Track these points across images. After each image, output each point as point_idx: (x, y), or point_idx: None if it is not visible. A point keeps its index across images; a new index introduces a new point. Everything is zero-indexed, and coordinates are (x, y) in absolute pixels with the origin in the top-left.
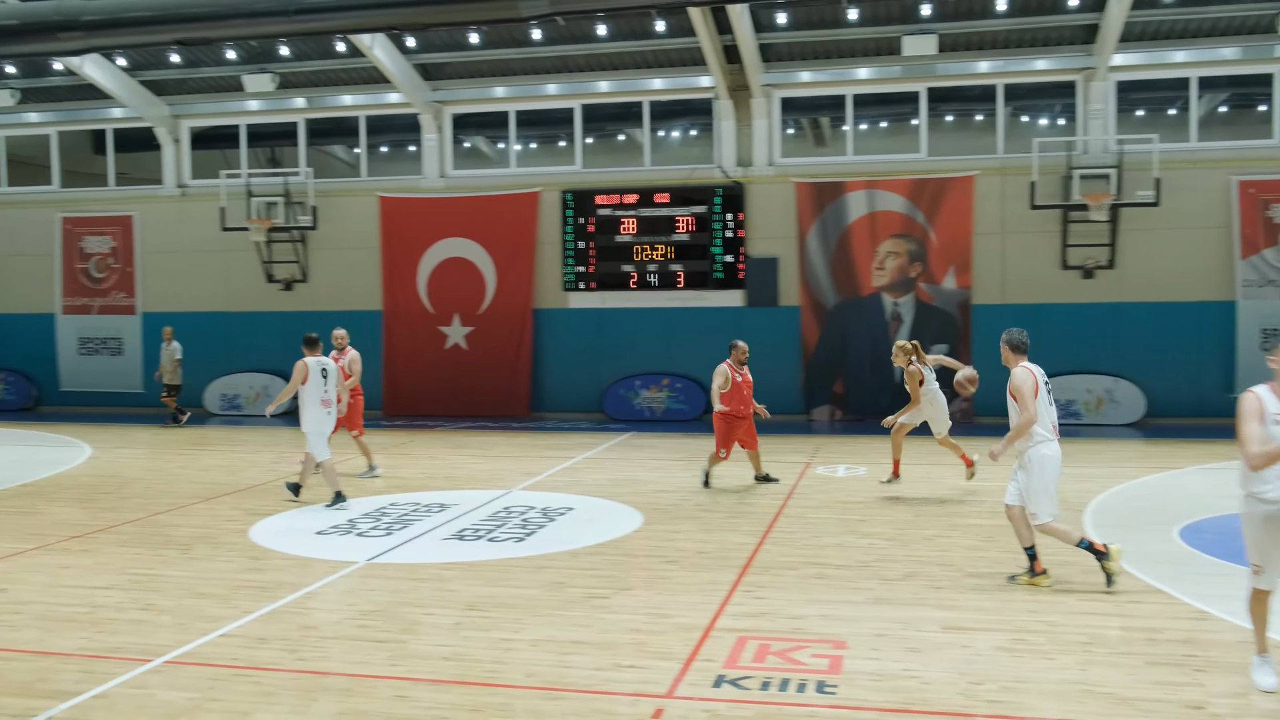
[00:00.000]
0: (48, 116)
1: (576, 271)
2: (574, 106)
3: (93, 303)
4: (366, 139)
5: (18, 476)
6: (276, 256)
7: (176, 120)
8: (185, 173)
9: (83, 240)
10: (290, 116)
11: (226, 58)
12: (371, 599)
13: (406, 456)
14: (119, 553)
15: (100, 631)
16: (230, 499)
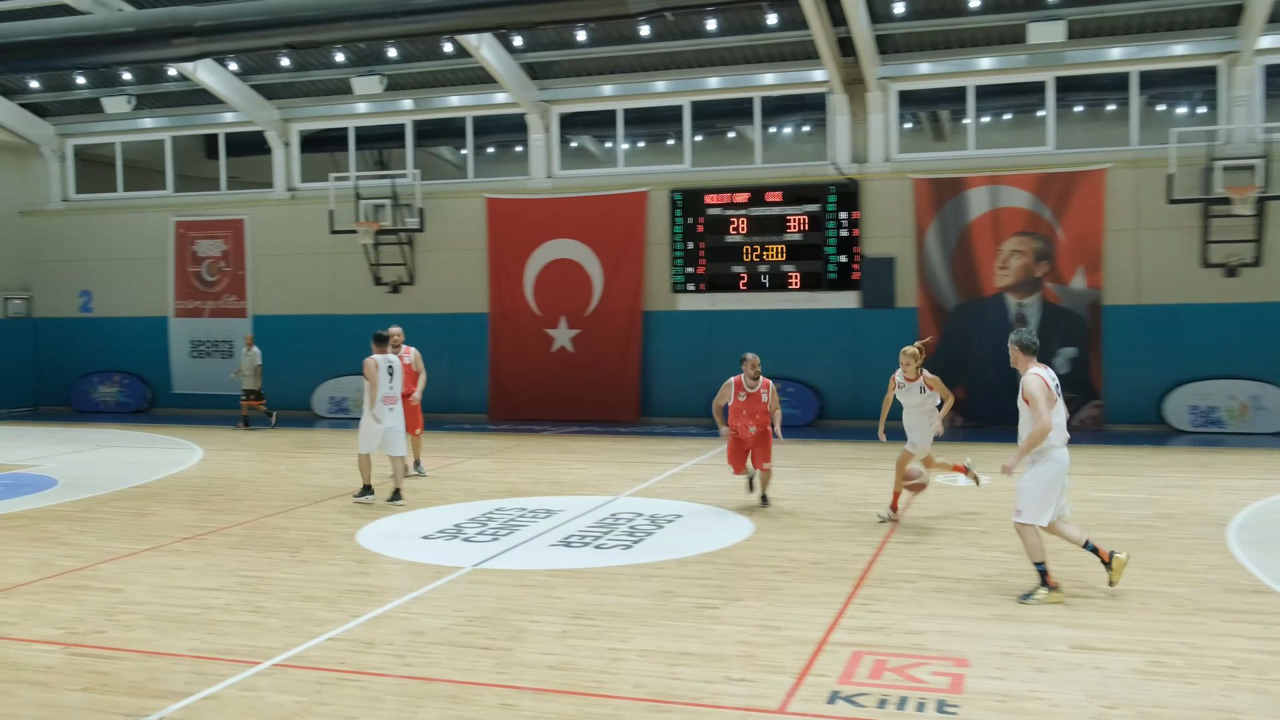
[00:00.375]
0: (162, 122)
1: (686, 273)
2: (683, 103)
3: (204, 306)
4: (473, 140)
5: (133, 478)
6: (384, 259)
7: (286, 124)
8: (295, 176)
9: (195, 244)
10: (398, 118)
11: (335, 60)
12: (477, 605)
13: (512, 461)
14: (229, 555)
15: (211, 633)
16: (337, 502)
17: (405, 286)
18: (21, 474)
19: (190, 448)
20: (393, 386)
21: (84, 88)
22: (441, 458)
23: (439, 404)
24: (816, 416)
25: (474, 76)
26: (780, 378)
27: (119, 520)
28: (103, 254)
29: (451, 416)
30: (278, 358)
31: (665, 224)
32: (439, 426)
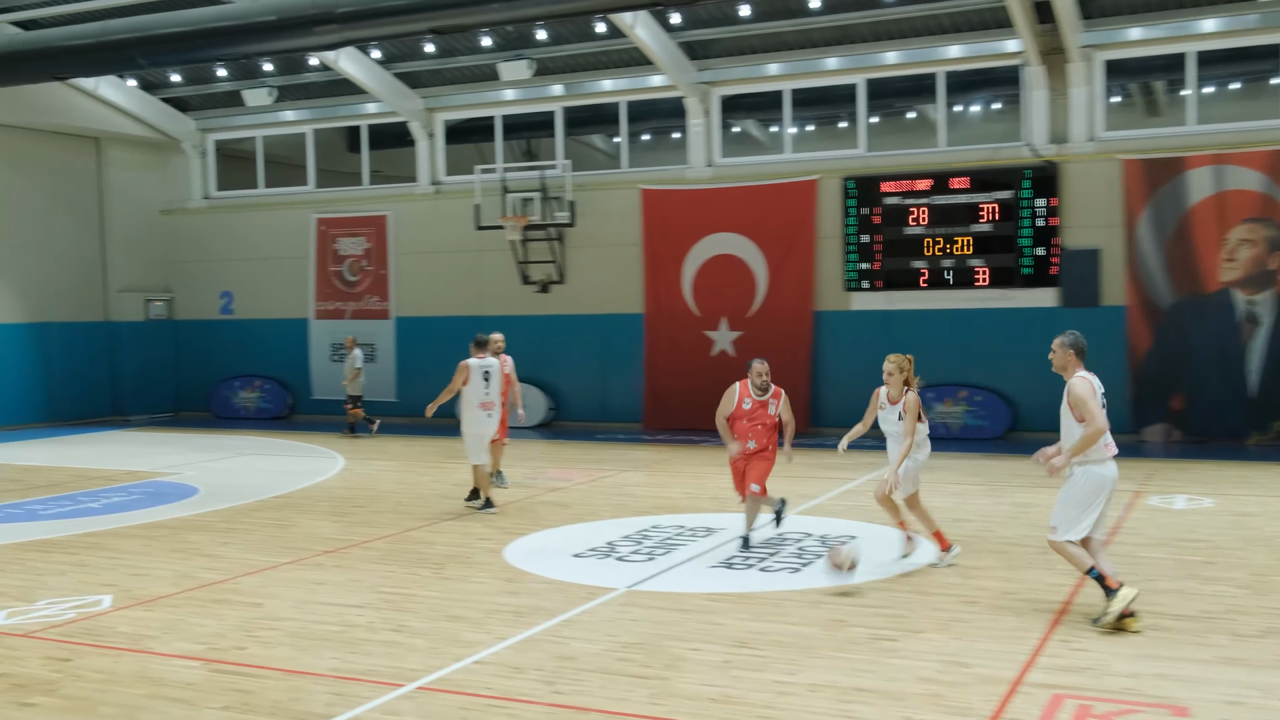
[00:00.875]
0: (303, 114)
1: (860, 269)
2: (857, 82)
3: (345, 307)
4: (628, 127)
5: (274, 487)
6: (532, 256)
7: (431, 113)
8: (439, 169)
9: (336, 242)
10: (547, 105)
11: (482, 45)
12: (632, 630)
13: (669, 474)
14: (371, 570)
15: (353, 652)
16: (483, 516)
17: (554, 285)
18: (163, 482)
19: (332, 456)
20: (488, 392)
21: (225, 80)
22: (593, 470)
23: (589, 412)
24: (1008, 429)
25: (628, 58)
26: (966, 385)
27: (260, 531)
28: (243, 253)
29: (603, 426)
30: (420, 362)
31: (837, 215)
32: (589, 436)
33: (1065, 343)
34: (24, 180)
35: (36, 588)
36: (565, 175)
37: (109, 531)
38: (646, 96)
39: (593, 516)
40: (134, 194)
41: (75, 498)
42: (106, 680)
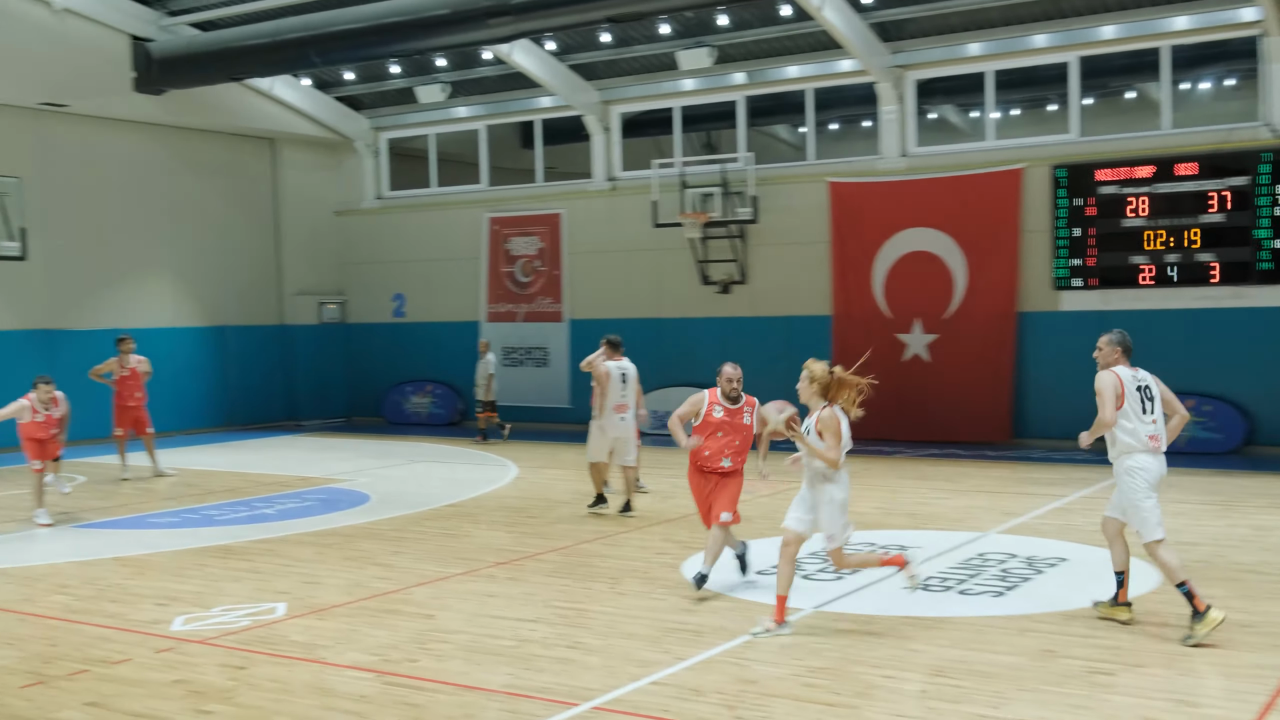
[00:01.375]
0: (476, 110)
1: (1071, 265)
2: (1068, 60)
3: (518, 309)
4: (814, 115)
5: (446, 495)
6: (712, 255)
7: (606, 106)
8: (615, 164)
9: (509, 241)
10: (728, 95)
11: (660, 33)
12: (819, 653)
13: (859, 488)
14: (545, 583)
15: (526, 668)
16: (661, 529)
17: (736, 285)
18: (336, 489)
19: (504, 464)
20: (625, 394)
21: (398, 77)
22: (777, 482)
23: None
24: (1243, 442)
25: (815, 42)
26: (1194, 393)
27: (432, 541)
28: (415, 254)
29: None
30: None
31: (1045, 207)
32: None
33: (1114, 340)
34: (201, 183)
35: (213, 594)
36: (748, 168)
37: (283, 538)
38: (835, 82)
39: (777, 532)
40: (308, 195)
41: (250, 503)
42: (280, 690)
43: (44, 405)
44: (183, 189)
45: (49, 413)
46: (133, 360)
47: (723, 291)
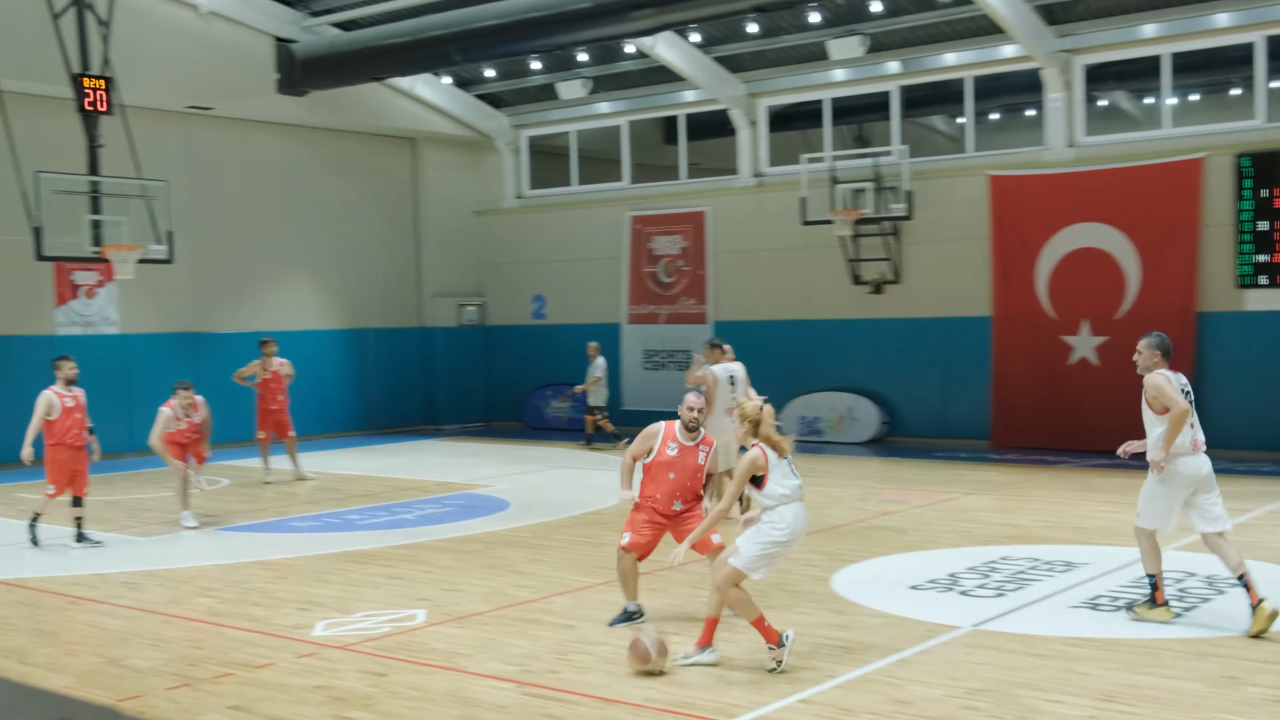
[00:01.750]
0: (618, 106)
1: (1256, 262)
2: (1254, 40)
3: (659, 311)
4: (973, 105)
5: (586, 502)
6: (864, 253)
7: (753, 99)
8: (762, 159)
9: (651, 240)
10: (881, 85)
11: (809, 21)
12: (979, 674)
13: (1021, 499)
14: (689, 594)
15: (669, 682)
16: (809, 540)
17: (889, 285)
18: (475, 494)
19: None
20: (734, 397)
21: (538, 73)
22: (932, 492)
23: (928, 427)
24: None
25: (975, 27)
26: None
27: (572, 549)
28: (556, 254)
29: (944, 443)
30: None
31: (1228, 199)
32: (928, 455)
33: (1152, 344)
34: (342, 184)
35: (353, 599)
36: (902, 162)
37: (423, 544)
38: (996, 70)
39: (932, 545)
40: (448, 195)
41: (390, 508)
42: (421, 698)
43: (184, 411)
44: (324, 190)
45: (190, 418)
46: (275, 363)
47: (875, 292)
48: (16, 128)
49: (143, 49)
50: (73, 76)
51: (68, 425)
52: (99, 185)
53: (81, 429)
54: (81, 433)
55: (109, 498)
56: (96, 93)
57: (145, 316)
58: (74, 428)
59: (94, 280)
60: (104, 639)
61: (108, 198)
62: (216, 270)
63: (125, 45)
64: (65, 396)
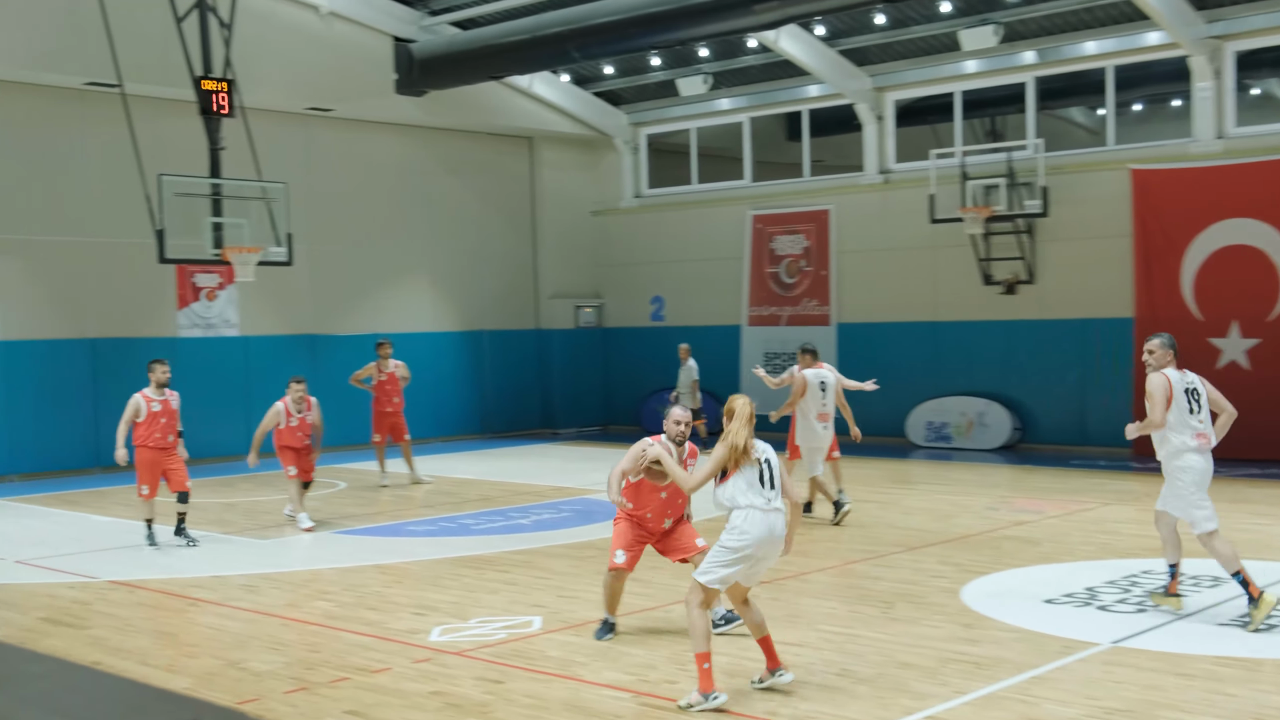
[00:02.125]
0: (739, 102)
1: None
2: None
3: (781, 312)
4: (1114, 96)
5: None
6: (996, 252)
7: (880, 93)
8: (888, 156)
9: (773, 240)
10: (1015, 76)
11: (940, 12)
12: (1118, 694)
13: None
14: (811, 605)
15: (789, 695)
16: (938, 550)
17: (1022, 286)
18: (592, 499)
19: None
20: (825, 404)
21: (658, 70)
22: (1068, 502)
23: (1064, 434)
24: None
25: (1116, 14)
26: None
27: None
28: (675, 255)
29: (1081, 450)
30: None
31: None
32: (1063, 462)
33: (1160, 344)
34: (459, 184)
35: (469, 605)
36: (1037, 156)
37: (538, 550)
38: (1140, 58)
39: (1067, 557)
40: (565, 195)
41: (506, 513)
42: (537, 706)
43: (296, 407)
44: (441, 191)
45: (301, 415)
46: (391, 365)
47: (1007, 292)
48: (140, 131)
49: (264, 51)
50: (195, 79)
51: (153, 428)
52: (220, 188)
53: (168, 432)
54: (168, 436)
55: (227, 500)
56: (219, 95)
57: (264, 318)
58: (159, 431)
59: (215, 283)
60: (223, 641)
61: (228, 200)
62: (334, 272)
63: (246, 48)
64: (154, 400)
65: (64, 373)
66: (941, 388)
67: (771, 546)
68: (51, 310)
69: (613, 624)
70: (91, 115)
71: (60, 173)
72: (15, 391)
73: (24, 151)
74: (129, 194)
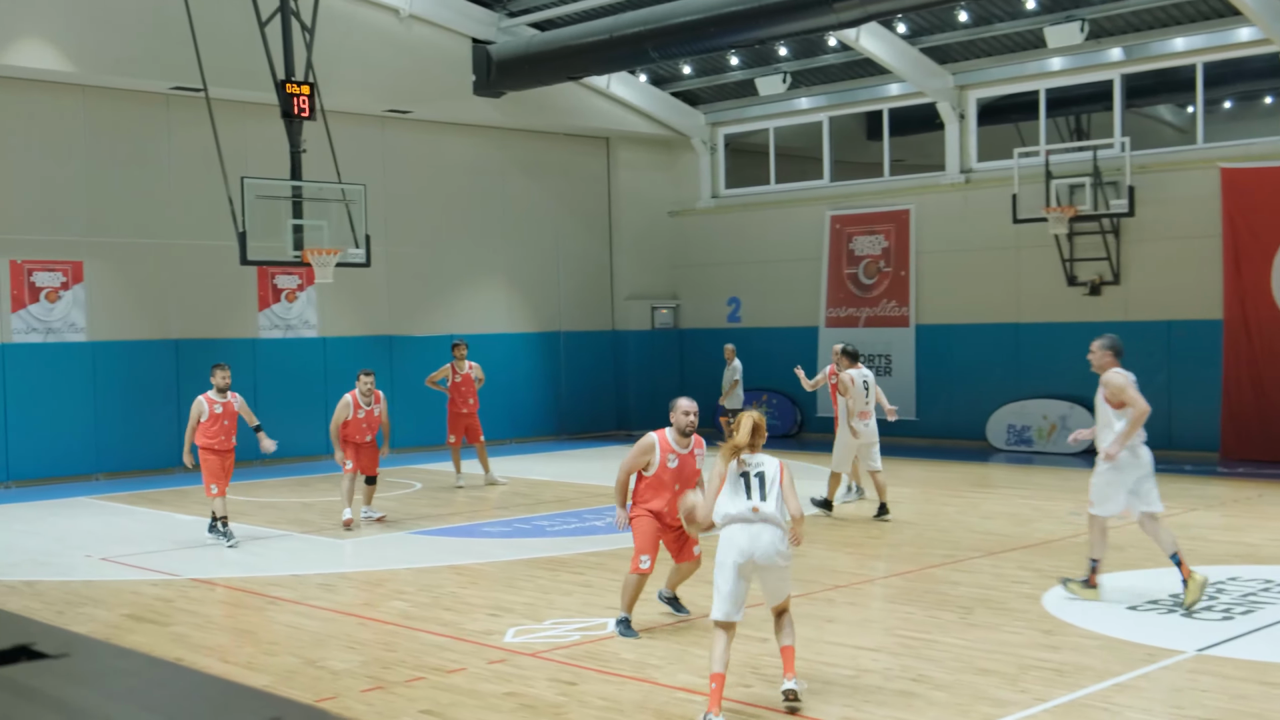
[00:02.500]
0: (818, 101)
1: None
2: None
3: (859, 314)
4: (1204, 94)
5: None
6: (1080, 253)
7: (962, 91)
8: (970, 155)
9: (852, 241)
10: (1102, 73)
11: (1025, 8)
12: (1203, 703)
13: (1253, 517)
14: (887, 610)
15: (865, 700)
16: (1018, 555)
17: (1107, 287)
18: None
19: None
20: (868, 402)
21: (736, 69)
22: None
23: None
24: None
25: (1206, 10)
26: None
27: None
28: (752, 255)
29: (1168, 454)
30: (943, 376)
31: None
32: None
33: (1105, 346)
34: (536, 185)
35: (544, 606)
36: (1124, 155)
37: (612, 552)
38: (1231, 54)
39: (1152, 563)
40: (642, 195)
41: (581, 515)
42: (611, 708)
43: (365, 398)
44: (517, 192)
45: (369, 408)
46: (466, 366)
47: (1092, 293)
48: (223, 134)
49: (344, 54)
50: (278, 83)
51: (216, 430)
52: (301, 190)
53: (231, 434)
54: (230, 438)
55: (304, 500)
56: (300, 99)
57: (342, 319)
58: (222, 433)
59: (294, 284)
60: (301, 640)
61: (308, 202)
62: (411, 273)
63: (327, 51)
64: (216, 403)
65: (149, 373)
66: (1023, 390)
67: (764, 558)
68: (137, 311)
69: (628, 619)
70: (176, 119)
71: (146, 176)
72: (103, 392)
73: (112, 156)
74: (212, 197)
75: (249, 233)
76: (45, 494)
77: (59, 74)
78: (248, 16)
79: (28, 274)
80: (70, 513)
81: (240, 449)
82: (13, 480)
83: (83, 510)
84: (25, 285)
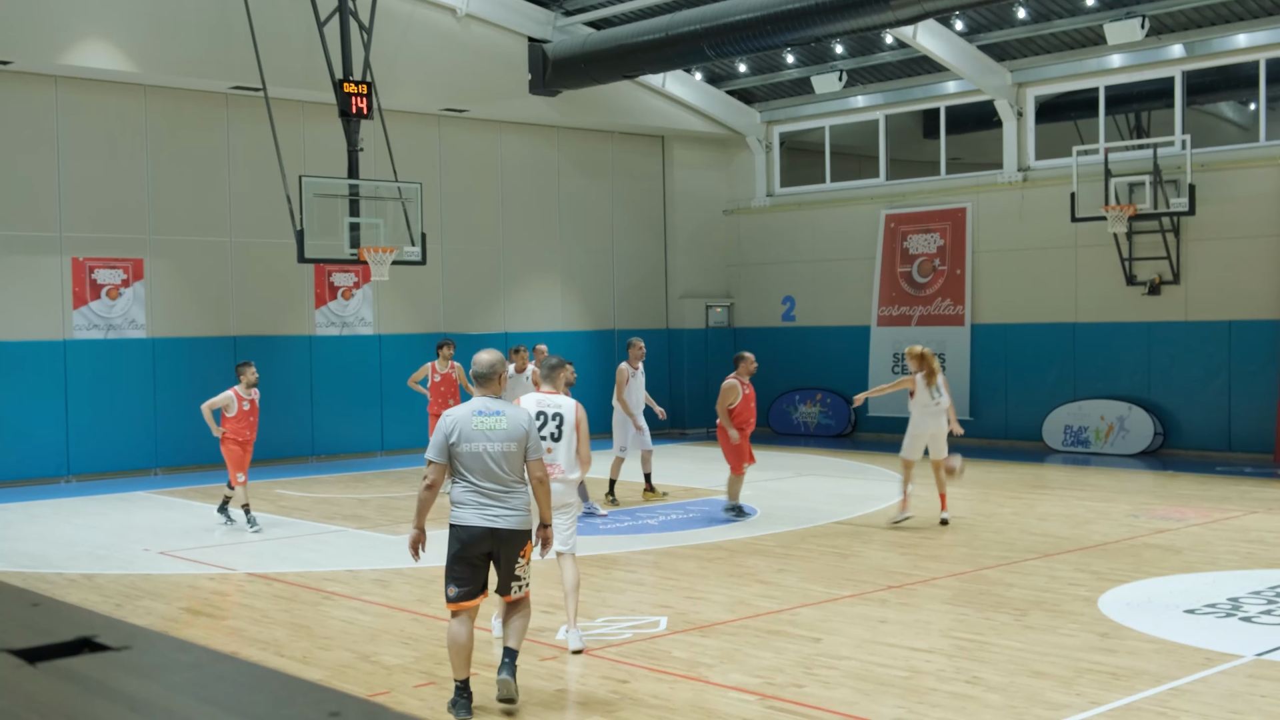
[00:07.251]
0: (874, 99)
1: None
2: None
3: (912, 313)
4: (1266, 90)
5: (834, 512)
6: (1140, 251)
7: (1020, 89)
8: (1028, 153)
9: (907, 239)
10: (1163, 70)
11: (1084, 4)
12: (1263, 708)
13: None
14: (941, 611)
15: (919, 702)
16: (1074, 557)
17: (1166, 286)
18: (720, 500)
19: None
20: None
21: (792, 67)
22: (1211, 509)
23: (1209, 439)
24: None
25: (1270, 5)
26: None
27: (818, 560)
28: (807, 254)
29: (1226, 456)
30: (1000, 376)
31: None
32: (1208, 469)
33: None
34: (591, 183)
35: (596, 604)
36: (1185, 153)
37: (665, 550)
38: None
39: (1210, 566)
40: (697, 194)
41: (634, 513)
42: (662, 707)
43: (444, 365)
44: (572, 190)
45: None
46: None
47: (1151, 293)
48: (282, 133)
49: (401, 54)
50: (336, 82)
51: (243, 424)
52: (358, 188)
53: (254, 429)
54: (253, 432)
55: (360, 495)
56: (358, 98)
57: (398, 317)
58: (247, 428)
59: (351, 282)
60: (356, 635)
61: (365, 200)
62: (467, 271)
63: (385, 50)
64: (244, 399)
65: (207, 369)
66: (1080, 391)
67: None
68: (196, 308)
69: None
70: (236, 118)
71: (206, 175)
72: (162, 387)
73: (172, 154)
74: (271, 195)
75: (306, 231)
76: (105, 488)
77: (122, 74)
78: (306, 17)
79: (89, 271)
80: (129, 507)
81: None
82: (73, 474)
83: (141, 504)
84: (87, 282)
